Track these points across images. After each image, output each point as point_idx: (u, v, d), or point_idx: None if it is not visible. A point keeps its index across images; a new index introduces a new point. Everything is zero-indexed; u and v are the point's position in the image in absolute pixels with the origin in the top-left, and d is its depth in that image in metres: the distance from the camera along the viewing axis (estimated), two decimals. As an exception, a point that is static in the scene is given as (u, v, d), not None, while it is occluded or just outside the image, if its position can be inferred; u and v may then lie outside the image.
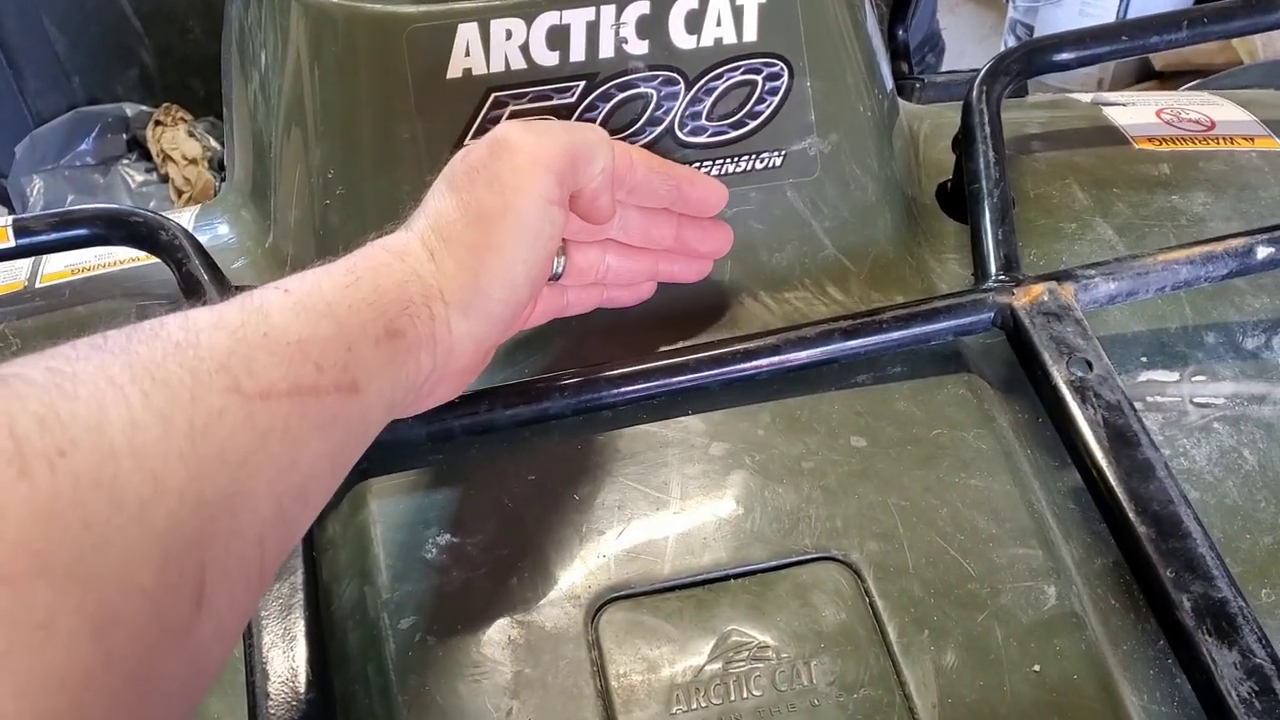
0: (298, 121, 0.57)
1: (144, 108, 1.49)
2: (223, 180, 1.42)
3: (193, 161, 1.41)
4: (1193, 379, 0.55)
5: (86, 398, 0.28)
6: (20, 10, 1.42)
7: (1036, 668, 0.44)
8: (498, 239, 0.43)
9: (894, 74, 0.85)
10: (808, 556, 0.47)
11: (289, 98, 0.58)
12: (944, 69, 1.77)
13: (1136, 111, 0.70)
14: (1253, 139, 0.68)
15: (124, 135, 1.50)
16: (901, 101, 0.70)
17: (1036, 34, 2.39)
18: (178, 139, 1.43)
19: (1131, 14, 2.28)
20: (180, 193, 1.42)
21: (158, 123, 1.46)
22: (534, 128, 0.46)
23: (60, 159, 1.49)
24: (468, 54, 0.53)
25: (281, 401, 0.33)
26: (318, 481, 0.35)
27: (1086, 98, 0.73)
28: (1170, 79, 2.20)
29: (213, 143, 1.47)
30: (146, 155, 1.48)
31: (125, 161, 1.47)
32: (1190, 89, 0.80)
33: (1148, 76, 2.29)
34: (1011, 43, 2.49)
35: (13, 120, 1.49)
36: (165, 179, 1.44)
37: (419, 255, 0.43)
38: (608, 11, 0.53)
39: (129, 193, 1.44)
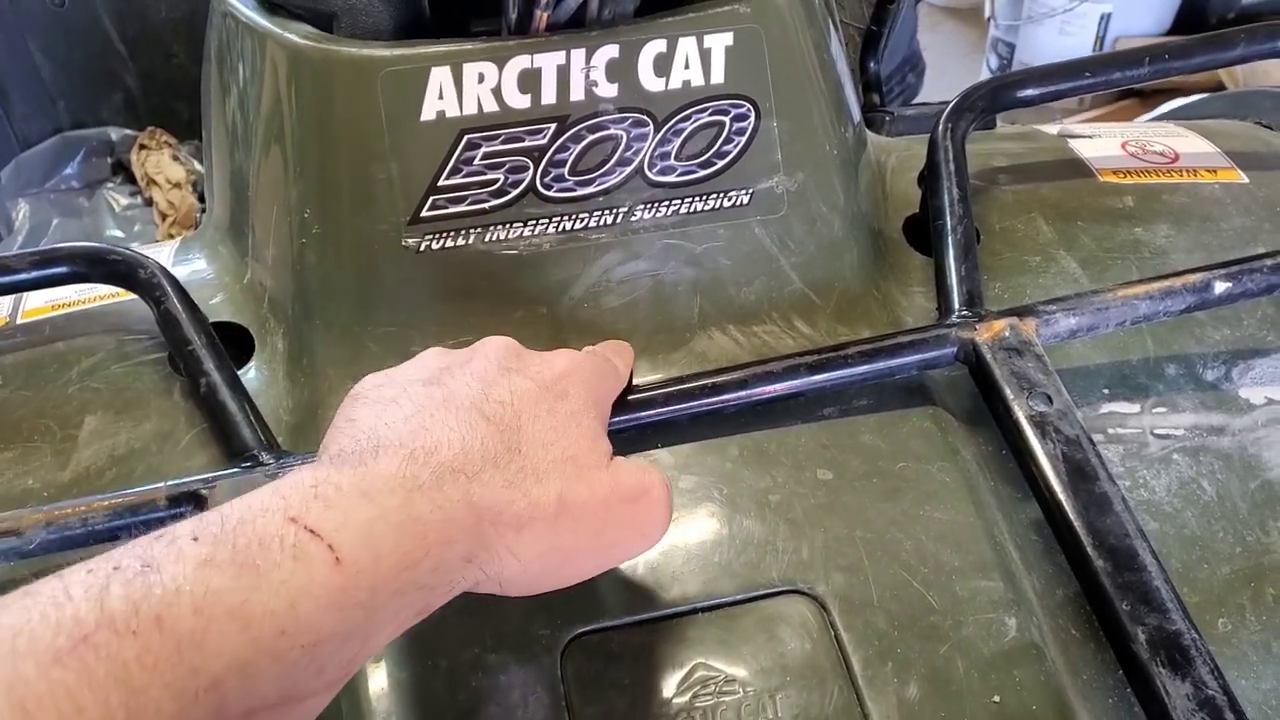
0: (274, 161, 0.58)
1: (129, 131, 1.50)
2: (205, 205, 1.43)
3: (176, 185, 1.42)
4: (1153, 410, 0.56)
5: None
6: (6, 36, 1.43)
7: (997, 698, 0.45)
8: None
9: (866, 105, 0.87)
10: (774, 590, 0.48)
11: (266, 137, 0.59)
12: (925, 86, 1.79)
13: (1102, 144, 0.71)
14: (1215, 171, 0.69)
15: (109, 159, 1.51)
16: (870, 134, 0.71)
17: (1017, 51, 2.42)
18: (162, 163, 1.44)
19: (1111, 33, 2.30)
20: (164, 216, 1.43)
21: (142, 146, 1.47)
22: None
23: (46, 182, 1.50)
24: (441, 96, 0.54)
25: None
26: None
27: (1053, 129, 0.74)
28: (1151, 97, 2.23)
29: (197, 166, 1.47)
30: (131, 179, 1.49)
31: (110, 185, 1.48)
32: (1156, 119, 0.82)
33: (1129, 94, 2.31)
34: (993, 61, 2.51)
35: None
36: (149, 202, 1.45)
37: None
38: (578, 56, 0.54)
39: (114, 216, 1.45)
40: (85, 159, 1.50)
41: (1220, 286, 0.55)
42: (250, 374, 0.58)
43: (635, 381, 0.54)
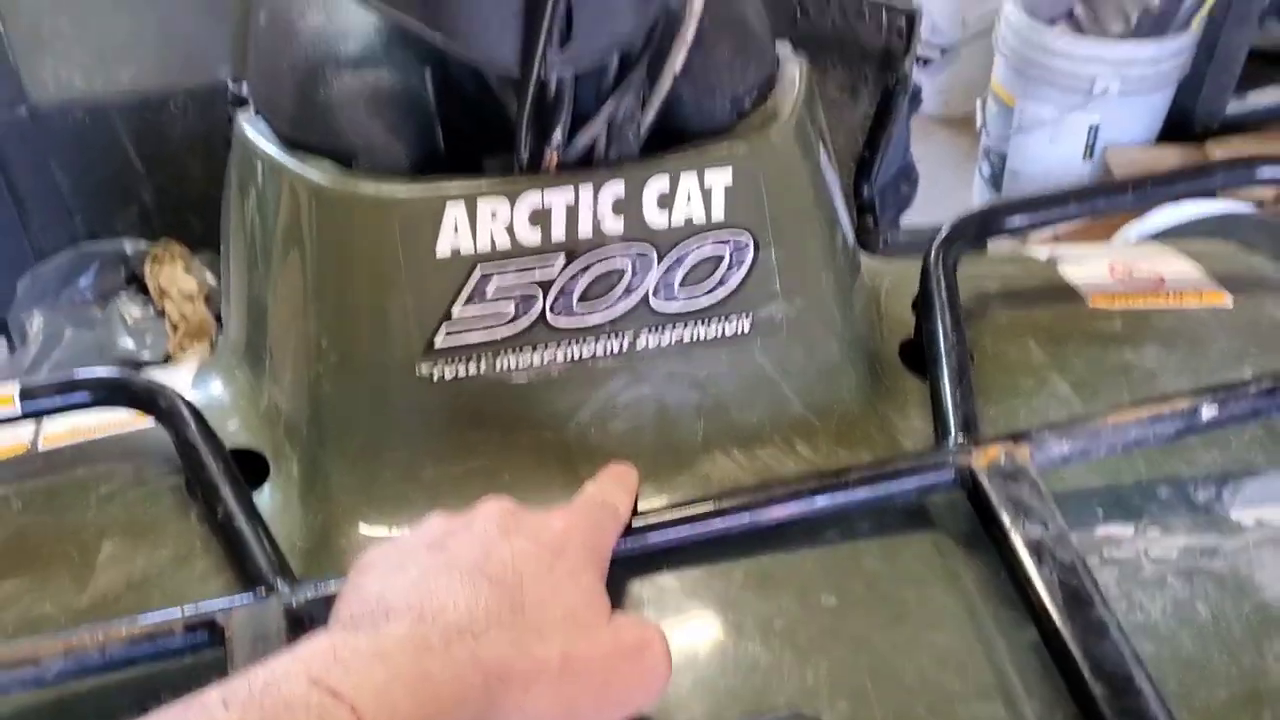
0: (293, 291, 0.60)
1: (143, 244, 1.53)
2: (217, 316, 1.46)
3: (189, 297, 1.45)
4: (1147, 533, 0.58)
5: None
6: (29, 150, 1.47)
7: None
8: None
9: (859, 227, 0.90)
10: (780, 716, 0.49)
11: (285, 268, 0.61)
12: (919, 193, 1.84)
13: (1090, 267, 0.74)
14: (1201, 293, 0.72)
15: (122, 271, 1.53)
16: (864, 256, 0.74)
17: (1009, 161, 2.47)
18: (175, 275, 1.47)
19: (1100, 143, 2.36)
20: (176, 327, 1.45)
21: (156, 259, 1.50)
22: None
23: (60, 293, 1.53)
24: (456, 231, 0.56)
25: None
26: None
27: (1043, 254, 0.77)
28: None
29: (209, 278, 1.50)
30: (144, 290, 1.52)
31: (123, 297, 1.51)
32: (1142, 240, 0.84)
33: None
34: (985, 170, 2.57)
35: (15, 256, 1.53)
36: (162, 314, 1.48)
37: None
38: (586, 192, 0.57)
39: (126, 328, 1.47)
40: (99, 271, 1.53)
41: (1208, 412, 0.57)
42: (265, 498, 0.60)
43: (641, 505, 0.55)
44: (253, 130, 0.63)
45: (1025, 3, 2.34)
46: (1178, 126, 2.45)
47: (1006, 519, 0.53)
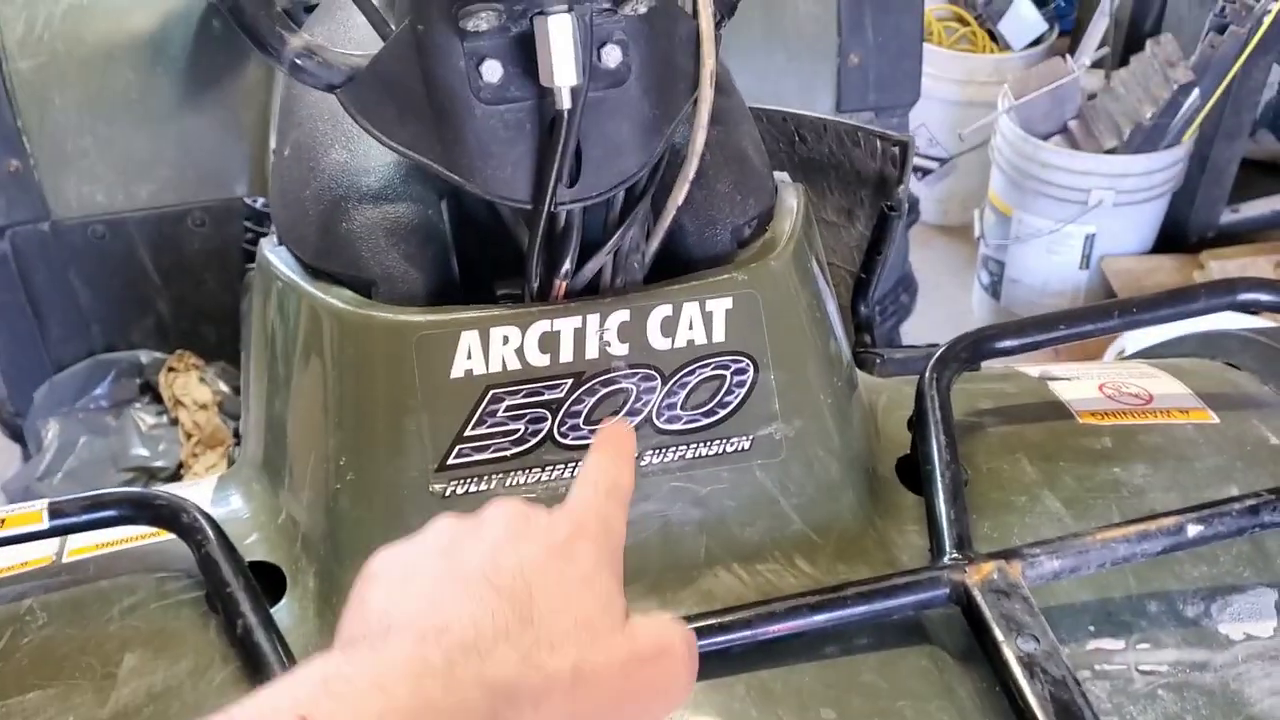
0: (313, 412, 0.63)
1: (158, 354, 1.57)
2: (232, 428, 1.48)
3: (203, 406, 1.48)
4: (1138, 647, 0.59)
5: None
6: (50, 264, 1.51)
7: None
8: None
9: (857, 344, 0.93)
10: None
11: (306, 390, 0.64)
12: (920, 299, 1.87)
13: (1080, 386, 0.77)
14: (1188, 411, 0.74)
15: (138, 380, 1.57)
16: (861, 374, 0.76)
17: (1007, 269, 2.52)
18: (189, 385, 1.50)
19: (1096, 253, 2.40)
20: (189, 436, 1.48)
21: (170, 369, 1.53)
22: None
23: (76, 402, 1.56)
24: (469, 356, 0.59)
25: None
26: None
27: (1035, 371, 0.80)
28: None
29: (223, 387, 1.53)
30: (158, 399, 1.55)
31: (138, 405, 1.54)
32: (1130, 358, 0.87)
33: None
34: (984, 277, 2.61)
35: (34, 366, 1.56)
36: (175, 422, 1.51)
37: None
38: (593, 319, 0.60)
39: (140, 436, 1.50)
40: (115, 380, 1.56)
41: (1193, 530, 0.59)
42: (282, 612, 0.62)
43: None
44: (275, 258, 0.67)
45: (1020, 118, 2.42)
46: (1173, 236, 2.50)
47: (999, 634, 0.55)
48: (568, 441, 0.61)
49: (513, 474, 0.61)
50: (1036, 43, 2.82)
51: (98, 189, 1.46)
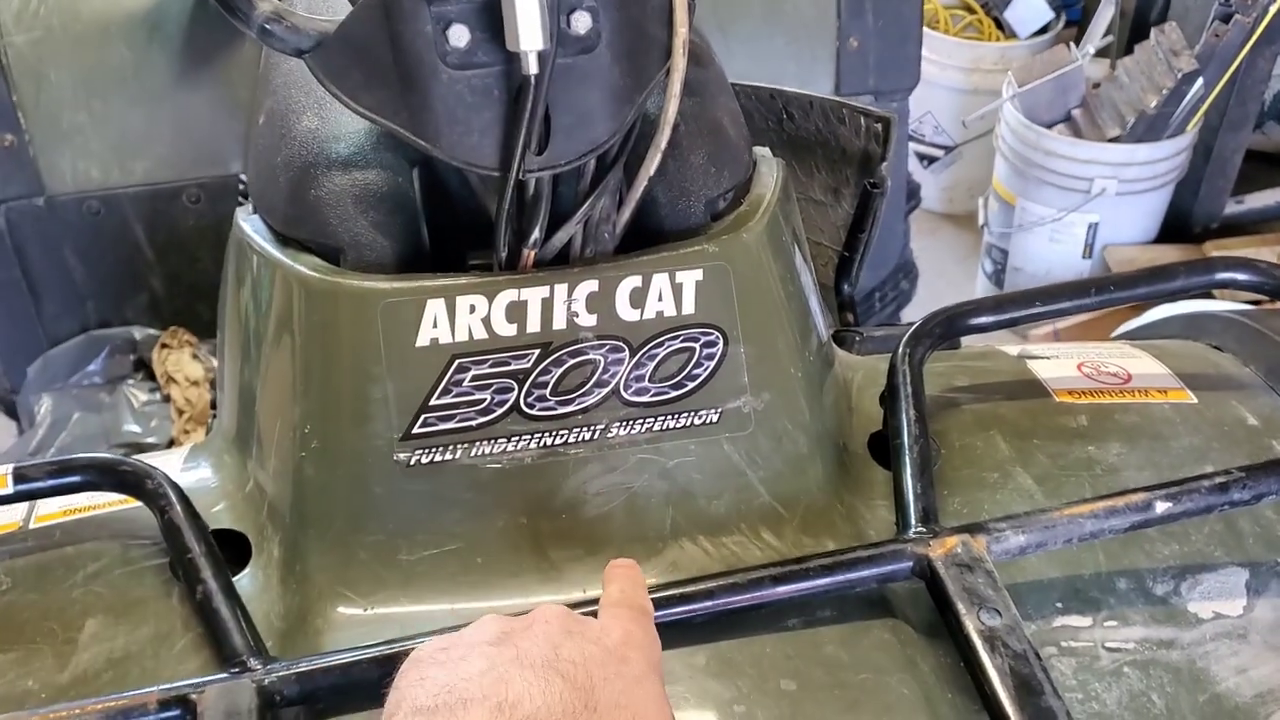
0: (280, 379, 0.63)
1: (152, 331, 1.57)
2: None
3: (195, 383, 1.48)
4: (1105, 624, 0.59)
5: None
6: (43, 241, 1.51)
7: None
8: None
9: (839, 323, 0.92)
10: None
11: (273, 358, 0.64)
12: (924, 288, 1.87)
13: (1059, 364, 0.76)
14: (1166, 391, 0.73)
15: (131, 356, 1.57)
16: (840, 351, 0.76)
17: (1010, 257, 2.51)
18: (182, 361, 1.50)
19: (1099, 241, 2.39)
20: (181, 412, 1.48)
21: (164, 345, 1.53)
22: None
23: (70, 378, 1.56)
24: (435, 325, 0.59)
25: None
26: None
27: (1014, 350, 0.79)
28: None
29: (215, 364, 1.53)
30: (151, 375, 1.55)
31: (130, 382, 1.54)
32: (1114, 339, 0.87)
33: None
34: (988, 265, 2.60)
35: (28, 341, 1.57)
36: (167, 399, 1.51)
37: None
38: (561, 289, 0.60)
39: (132, 412, 1.50)
40: (109, 356, 1.56)
41: (1161, 506, 0.59)
42: (245, 580, 0.61)
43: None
44: (248, 225, 0.66)
45: (1024, 105, 2.40)
46: (1177, 226, 2.49)
47: (962, 608, 0.54)
48: (534, 412, 0.61)
49: (478, 444, 0.61)
50: (1043, 31, 2.80)
51: (93, 165, 1.46)
